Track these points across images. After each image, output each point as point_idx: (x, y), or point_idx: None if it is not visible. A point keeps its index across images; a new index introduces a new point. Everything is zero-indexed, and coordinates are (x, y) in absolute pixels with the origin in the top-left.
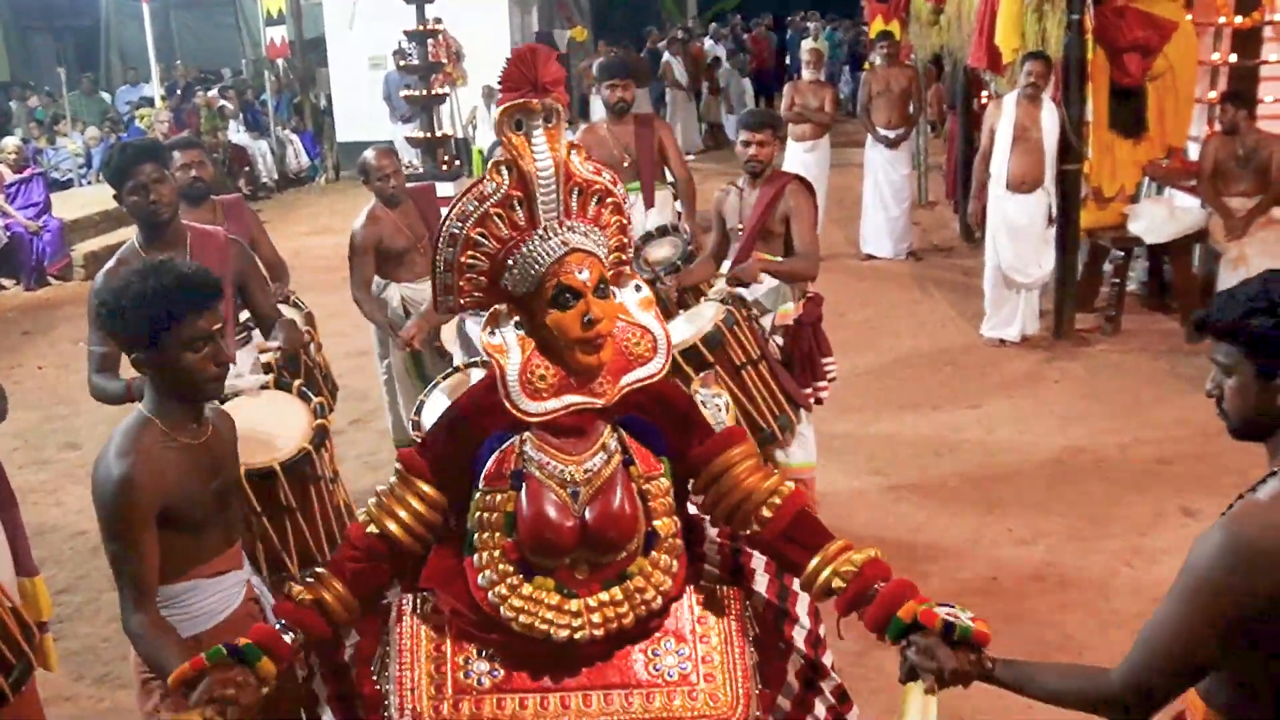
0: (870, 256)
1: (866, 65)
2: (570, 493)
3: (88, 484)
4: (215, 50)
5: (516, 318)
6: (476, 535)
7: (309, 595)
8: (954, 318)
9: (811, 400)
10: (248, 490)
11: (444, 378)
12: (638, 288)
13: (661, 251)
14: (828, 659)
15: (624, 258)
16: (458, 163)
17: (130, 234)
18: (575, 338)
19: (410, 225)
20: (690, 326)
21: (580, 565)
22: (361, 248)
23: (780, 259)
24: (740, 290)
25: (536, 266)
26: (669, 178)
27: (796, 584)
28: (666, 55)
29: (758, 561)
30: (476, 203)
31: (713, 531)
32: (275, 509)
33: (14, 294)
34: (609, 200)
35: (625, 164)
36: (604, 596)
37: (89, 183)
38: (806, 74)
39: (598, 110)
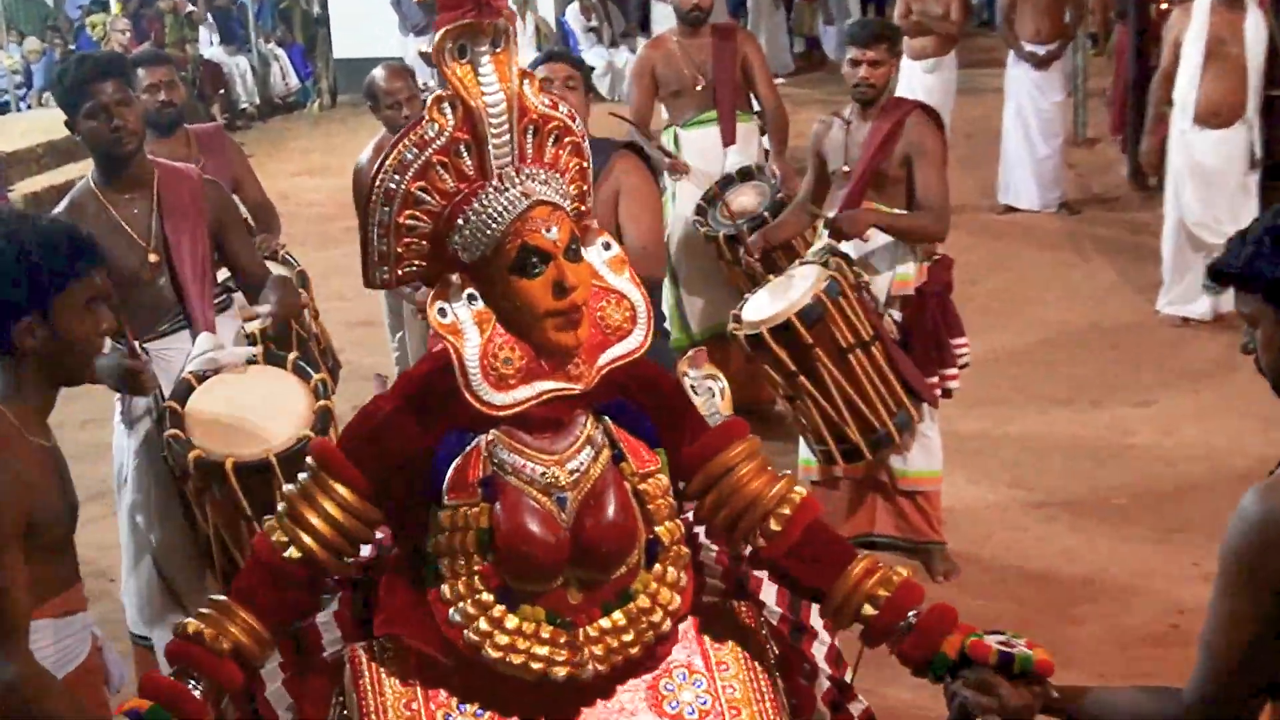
0: (1011, 208)
1: None
2: (556, 499)
3: None
4: None
5: (470, 289)
6: (442, 562)
7: (213, 632)
8: (1120, 288)
9: (938, 392)
10: (235, 487)
11: None
12: (606, 245)
13: (744, 199)
14: (849, 676)
15: (584, 208)
16: None
17: (82, 171)
18: (546, 310)
19: None
20: (781, 297)
21: (571, 586)
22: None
23: (898, 211)
24: (843, 246)
25: (494, 225)
26: (754, 106)
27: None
28: None
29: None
30: (416, 150)
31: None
32: (268, 512)
33: None
34: (567, 140)
35: (699, 87)
36: (605, 623)
37: (28, 106)
38: None
39: (661, 21)
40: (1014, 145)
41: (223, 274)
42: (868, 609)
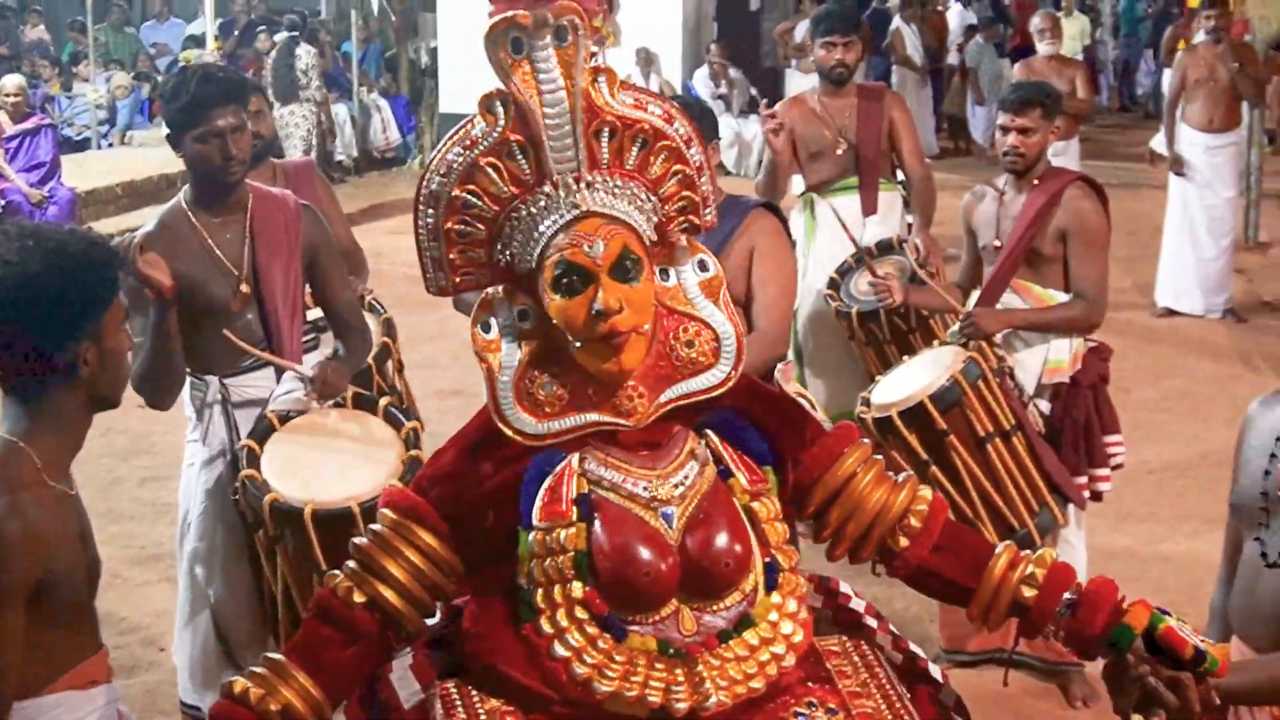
0: (1171, 312)
1: (1181, 45)
2: (661, 515)
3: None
4: None
5: (522, 305)
6: (537, 593)
7: (261, 692)
8: None
9: (1086, 494)
10: (313, 538)
11: None
12: (702, 265)
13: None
14: None
15: (697, 222)
16: None
17: (155, 213)
18: (581, 334)
19: None
20: (915, 378)
21: (683, 613)
22: None
23: (1045, 293)
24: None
25: (535, 236)
26: (899, 175)
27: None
28: (897, 21)
29: (857, 603)
30: (461, 150)
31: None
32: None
33: None
34: (661, 144)
35: (840, 151)
36: (725, 653)
37: (110, 145)
38: (1043, 48)
39: (795, 91)
40: (1177, 244)
41: (313, 313)
42: (1026, 590)
